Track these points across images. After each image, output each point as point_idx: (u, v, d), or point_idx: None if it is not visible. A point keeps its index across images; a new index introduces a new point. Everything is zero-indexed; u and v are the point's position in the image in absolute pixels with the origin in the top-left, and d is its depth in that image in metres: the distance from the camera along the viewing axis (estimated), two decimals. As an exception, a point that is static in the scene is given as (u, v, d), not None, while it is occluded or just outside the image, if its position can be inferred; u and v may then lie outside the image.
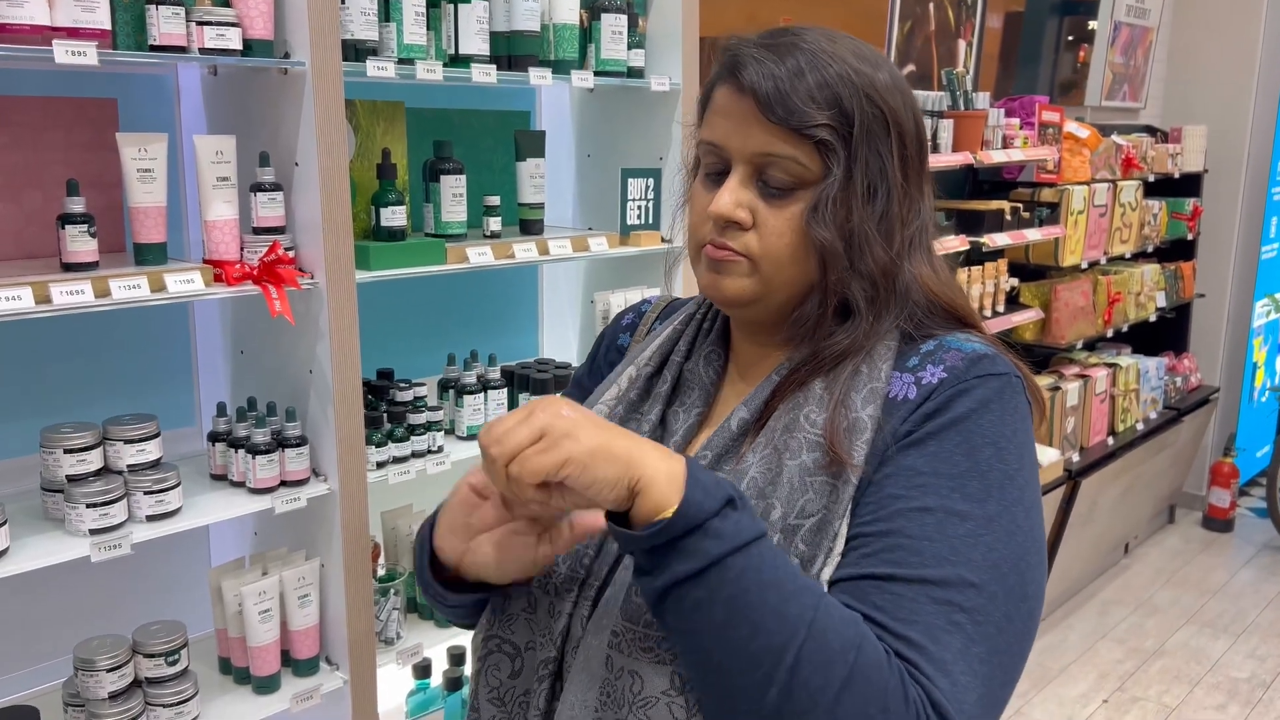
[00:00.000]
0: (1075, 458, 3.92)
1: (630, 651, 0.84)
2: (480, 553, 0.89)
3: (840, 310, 0.93)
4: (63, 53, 1.43)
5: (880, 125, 0.91)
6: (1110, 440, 4.17)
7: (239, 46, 1.62)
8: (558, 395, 0.90)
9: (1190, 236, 4.76)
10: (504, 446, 0.77)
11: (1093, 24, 4.46)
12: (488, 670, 0.96)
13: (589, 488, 0.77)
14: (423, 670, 2.13)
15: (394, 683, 2.13)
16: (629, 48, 2.16)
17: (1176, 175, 4.58)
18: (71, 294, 1.51)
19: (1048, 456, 3.68)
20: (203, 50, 1.59)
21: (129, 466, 1.65)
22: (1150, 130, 4.72)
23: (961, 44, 3.80)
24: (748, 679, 0.76)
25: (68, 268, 1.57)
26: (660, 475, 0.77)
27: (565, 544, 0.89)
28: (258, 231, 1.73)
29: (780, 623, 0.75)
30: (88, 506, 1.58)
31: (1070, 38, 4.40)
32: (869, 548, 0.83)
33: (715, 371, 1.02)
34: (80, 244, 1.57)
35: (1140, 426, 4.35)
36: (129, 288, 1.56)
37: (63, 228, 1.56)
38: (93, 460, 1.63)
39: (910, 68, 3.59)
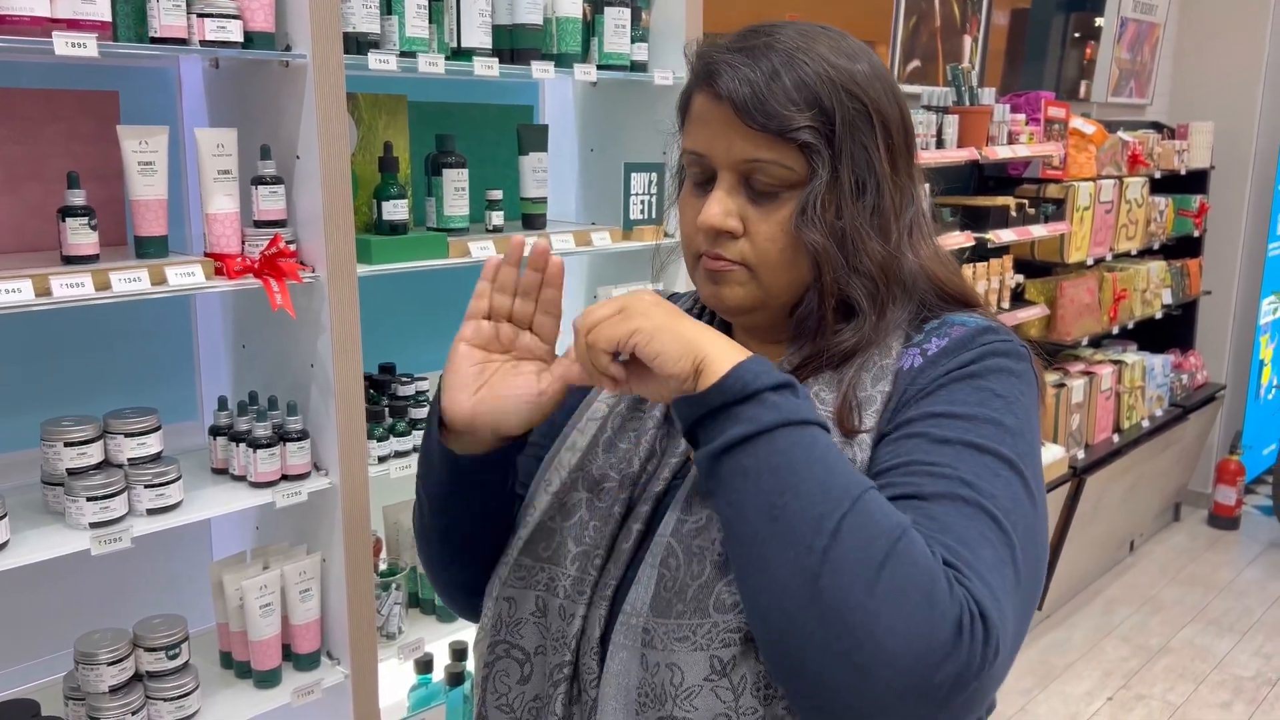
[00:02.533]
0: (1080, 455, 3.91)
1: (665, 645, 0.83)
2: (488, 399, 0.91)
3: (844, 308, 0.92)
4: (63, 44, 1.43)
5: (863, 119, 0.89)
6: (1115, 437, 4.16)
7: (240, 39, 1.62)
8: (647, 288, 0.91)
9: (1197, 233, 4.75)
10: (586, 320, 0.85)
11: (1099, 20, 4.44)
12: (495, 677, 0.95)
13: (655, 358, 0.81)
14: (424, 665, 2.13)
15: (396, 677, 2.12)
16: (632, 41, 2.15)
17: (1183, 172, 4.56)
18: (72, 286, 1.50)
19: (1052, 453, 3.67)
20: (204, 42, 1.58)
21: (129, 460, 1.65)
22: (1157, 126, 4.70)
23: (967, 40, 3.78)
24: (787, 548, 0.74)
25: (68, 260, 1.56)
26: (724, 355, 0.80)
27: (561, 375, 0.91)
28: (259, 225, 1.72)
29: (824, 494, 0.75)
30: (88, 500, 1.58)
31: (1077, 34, 4.38)
32: (892, 477, 0.82)
33: None
34: (81, 236, 1.56)
35: (1146, 424, 4.34)
36: (129, 280, 1.56)
37: (63, 220, 1.56)
38: (93, 454, 1.63)
39: (915, 63, 3.58)
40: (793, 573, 0.74)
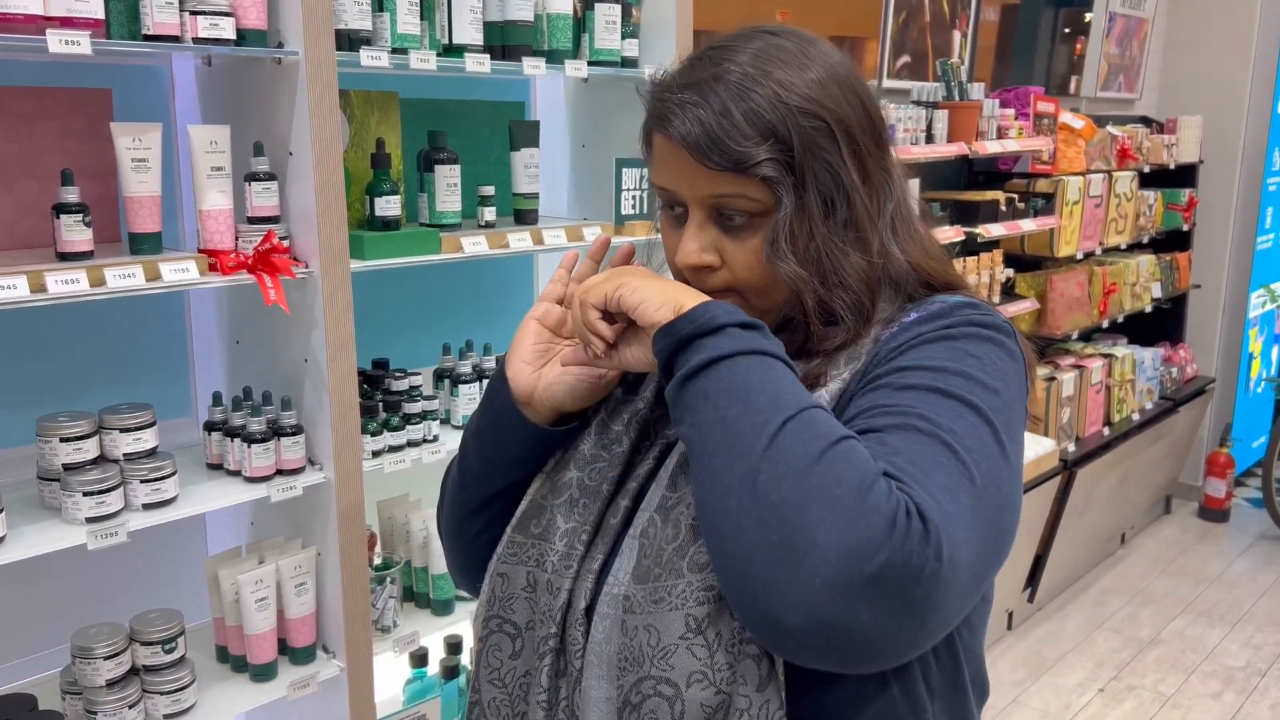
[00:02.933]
0: (1071, 448, 3.93)
1: (643, 609, 0.85)
2: (551, 375, 0.97)
3: (829, 313, 0.93)
4: (56, 42, 1.44)
5: (824, 135, 0.89)
6: (1106, 431, 4.18)
7: (232, 36, 1.62)
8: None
9: (1186, 227, 4.77)
10: (582, 284, 0.91)
11: (1088, 15, 4.46)
12: (488, 651, 0.97)
13: (637, 307, 0.86)
14: (420, 659, 2.14)
15: (391, 670, 2.14)
16: (623, 38, 2.17)
17: (1172, 166, 4.58)
18: (66, 283, 1.51)
19: (1043, 446, 3.69)
20: (196, 40, 1.59)
21: (125, 455, 1.66)
22: (1146, 121, 4.73)
23: (956, 35, 3.80)
24: (733, 452, 0.78)
25: (63, 257, 1.57)
26: (701, 299, 0.86)
27: (561, 357, 0.98)
28: (252, 221, 1.73)
29: (773, 404, 0.79)
30: (84, 495, 1.59)
31: (1066, 30, 4.41)
32: (852, 424, 0.84)
33: None
34: (75, 233, 1.57)
35: (1136, 417, 4.36)
36: (124, 276, 1.57)
37: (57, 217, 1.57)
38: (89, 449, 1.63)
39: (905, 59, 3.59)
40: (736, 474, 0.77)
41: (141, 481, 1.65)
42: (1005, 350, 0.89)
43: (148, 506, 1.66)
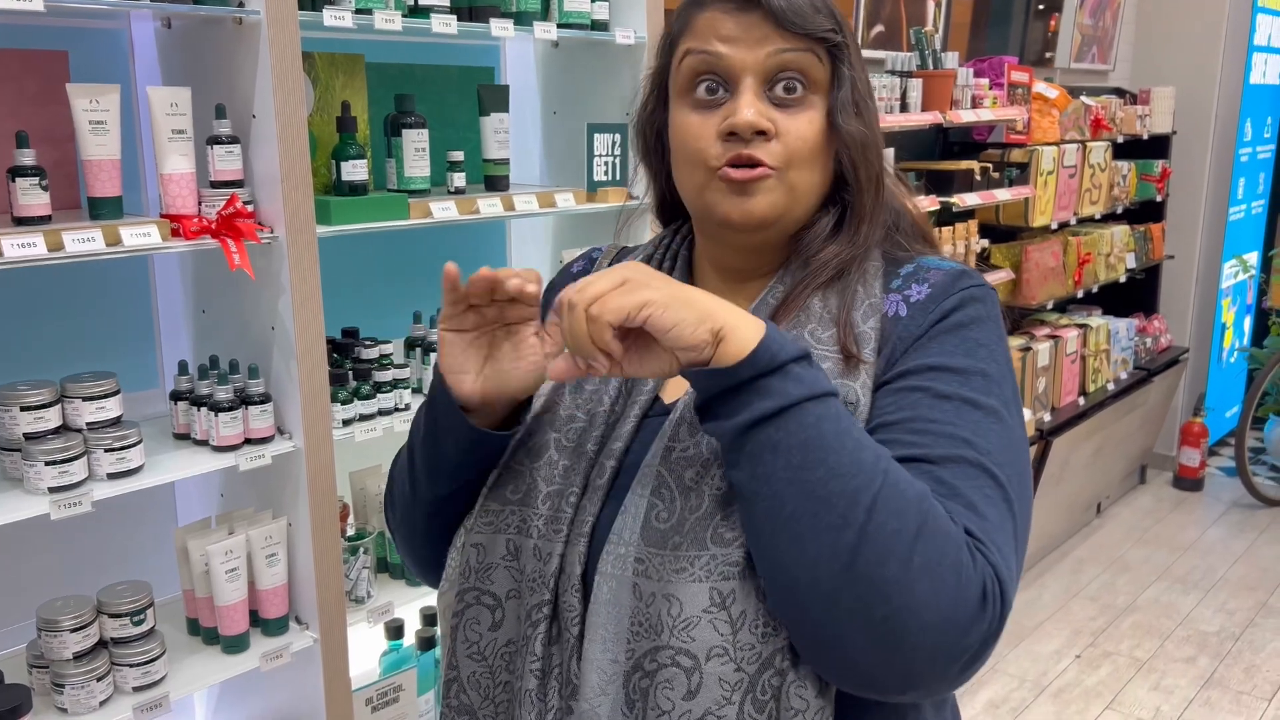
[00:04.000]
0: (1047, 417, 3.95)
1: (661, 576, 0.82)
2: (494, 376, 0.90)
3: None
4: (7, -3, 1.40)
5: (855, 51, 0.96)
6: (1081, 400, 4.20)
7: (191, -6, 1.59)
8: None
9: (1159, 198, 4.79)
10: (585, 293, 0.79)
11: (1061, -14, 4.45)
12: (465, 625, 0.93)
13: (670, 330, 0.78)
14: (395, 631, 2.12)
15: (366, 642, 2.12)
16: (593, 0, 2.14)
17: (1145, 137, 4.59)
18: (23, 247, 1.48)
19: (1019, 416, 3.70)
20: (153, -3, 1.56)
21: (88, 424, 1.63)
22: (1119, 92, 4.73)
23: (930, 4, 3.78)
24: (822, 523, 0.76)
25: (19, 222, 1.54)
26: (742, 323, 0.79)
27: (551, 372, 0.86)
28: (215, 185, 1.70)
29: (857, 468, 0.77)
30: (46, 464, 1.56)
31: (1041, 7, 4.39)
32: (895, 433, 0.85)
33: None
34: (32, 197, 1.54)
35: (1111, 387, 4.38)
36: (83, 241, 1.53)
37: (13, 181, 1.53)
38: (50, 418, 1.60)
39: (879, 28, 3.58)
40: (830, 548, 0.76)
41: (106, 450, 1.62)
42: (997, 323, 0.93)
43: (113, 476, 1.63)
